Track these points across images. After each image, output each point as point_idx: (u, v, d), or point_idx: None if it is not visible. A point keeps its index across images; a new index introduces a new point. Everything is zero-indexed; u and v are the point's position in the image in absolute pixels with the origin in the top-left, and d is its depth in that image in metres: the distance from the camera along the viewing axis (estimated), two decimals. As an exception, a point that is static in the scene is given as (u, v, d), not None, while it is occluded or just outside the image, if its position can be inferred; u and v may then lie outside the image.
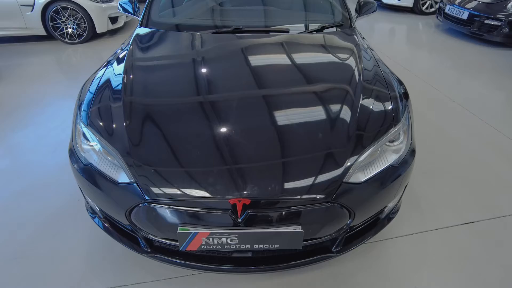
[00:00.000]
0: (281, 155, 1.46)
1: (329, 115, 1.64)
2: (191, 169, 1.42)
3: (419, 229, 2.05)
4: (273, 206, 1.38)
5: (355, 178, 1.46)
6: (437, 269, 1.81)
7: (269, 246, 1.42)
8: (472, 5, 5.42)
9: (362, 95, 1.73)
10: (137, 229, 1.50)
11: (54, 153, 2.72)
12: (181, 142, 1.50)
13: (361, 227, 1.68)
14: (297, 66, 1.98)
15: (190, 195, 1.36)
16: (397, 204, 1.86)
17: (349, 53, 2.10)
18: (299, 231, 1.37)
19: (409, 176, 1.71)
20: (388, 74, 2.00)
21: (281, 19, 2.47)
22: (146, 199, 1.38)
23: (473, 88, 4.01)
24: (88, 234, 2.00)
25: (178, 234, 1.37)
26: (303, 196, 1.38)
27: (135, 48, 2.15)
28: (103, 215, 1.72)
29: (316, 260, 1.59)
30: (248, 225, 1.37)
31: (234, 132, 1.53)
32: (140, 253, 1.61)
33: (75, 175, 1.65)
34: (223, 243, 1.40)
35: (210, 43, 2.19)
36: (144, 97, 1.73)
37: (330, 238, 1.53)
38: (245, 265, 1.55)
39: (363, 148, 1.51)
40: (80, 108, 1.75)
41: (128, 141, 1.51)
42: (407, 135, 1.70)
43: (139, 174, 1.42)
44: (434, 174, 2.52)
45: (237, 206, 1.35)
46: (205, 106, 1.67)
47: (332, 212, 1.43)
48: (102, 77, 1.92)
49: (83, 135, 1.64)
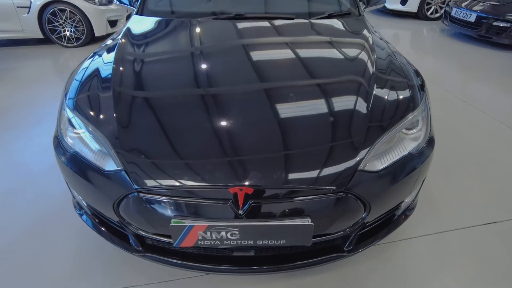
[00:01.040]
0: (289, 140, 1.32)
1: (342, 100, 1.50)
2: (187, 154, 1.27)
3: (436, 230, 1.88)
4: (279, 196, 1.22)
5: (371, 166, 1.31)
6: (458, 272, 1.64)
7: (274, 242, 1.25)
8: (479, 7, 5.32)
9: (376, 84, 1.58)
10: (126, 223, 1.34)
11: (46, 153, 2.57)
12: (176, 126, 1.36)
13: (376, 224, 1.52)
14: (306, 53, 1.84)
15: (185, 183, 1.20)
16: (414, 200, 1.69)
17: (360, 39, 1.98)
18: (308, 224, 1.21)
19: (427, 168, 1.56)
20: (405, 64, 1.85)
21: (286, 7, 2.35)
22: (135, 188, 1.23)
23: (483, 90, 3.87)
24: (77, 234, 1.83)
25: (172, 227, 1.21)
26: (313, 185, 1.22)
27: (128, 35, 2.02)
28: (91, 211, 1.56)
29: (326, 260, 1.43)
30: (250, 218, 1.21)
31: (236, 117, 1.39)
32: (131, 253, 1.45)
33: (60, 167, 1.50)
34: (222, 238, 1.23)
35: (211, 30, 2.07)
36: (136, 84, 1.59)
37: (342, 235, 1.36)
38: (247, 265, 1.39)
39: (380, 133, 1.37)
40: (66, 95, 1.61)
41: (117, 125, 1.36)
42: (425, 123, 1.55)
43: (128, 161, 1.27)
44: (449, 173, 2.36)
45: (239, 195, 1.19)
46: (205, 92, 1.53)
47: (346, 204, 1.27)
48: (90, 65, 1.78)
49: (68, 121, 1.50)
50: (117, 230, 1.49)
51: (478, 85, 3.97)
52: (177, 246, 1.26)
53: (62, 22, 5.21)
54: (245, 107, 1.45)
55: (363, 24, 2.21)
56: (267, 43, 1.96)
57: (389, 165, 1.34)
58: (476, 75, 4.29)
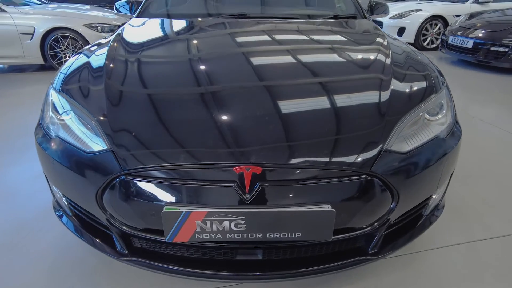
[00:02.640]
0: (305, 115, 1.16)
1: (362, 78, 1.39)
2: (184, 129, 1.09)
3: (466, 239, 1.65)
4: (293, 178, 1.03)
5: (398, 147, 1.13)
6: (501, 283, 1.39)
7: (287, 236, 1.04)
8: (475, 34, 5.38)
9: (396, 68, 1.45)
10: (110, 218, 1.13)
11: (20, 161, 2.38)
12: (172, 102, 1.21)
13: (403, 223, 1.30)
14: (319, 47, 1.72)
15: (181, 162, 1.02)
16: (442, 199, 1.49)
17: (374, 33, 1.89)
18: (329, 211, 1.00)
19: (455, 161, 1.38)
20: (423, 57, 1.73)
21: (290, 10, 2.28)
22: (122, 170, 1.03)
23: (488, 109, 3.77)
24: (54, 245, 1.60)
25: (164, 215, 1.00)
26: (333, 165, 1.03)
27: (126, 31, 1.91)
28: (71, 210, 1.35)
29: (348, 265, 1.20)
30: (259, 204, 1.00)
31: (243, 90, 1.24)
32: (115, 257, 1.22)
33: (40, 158, 1.32)
34: (225, 230, 1.02)
35: (213, 29, 1.97)
36: (130, 72, 1.44)
37: (368, 232, 1.15)
38: (253, 270, 1.16)
39: (404, 110, 1.21)
40: (53, 84, 1.46)
41: (107, 102, 1.20)
42: (450, 109, 1.40)
43: (116, 140, 1.09)
44: (469, 182, 2.16)
45: (245, 176, 1.00)
46: (211, 73, 1.39)
47: (371, 190, 1.07)
48: (80, 57, 1.64)
49: (53, 106, 1.34)
50: (99, 231, 1.27)
51: (482, 106, 3.87)
52: (170, 240, 1.04)
53: (64, 48, 5.22)
54: (256, 85, 1.30)
55: (372, 24, 2.13)
56: (278, 42, 1.85)
57: (416, 147, 1.17)
58: (479, 97, 4.21)
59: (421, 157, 1.17)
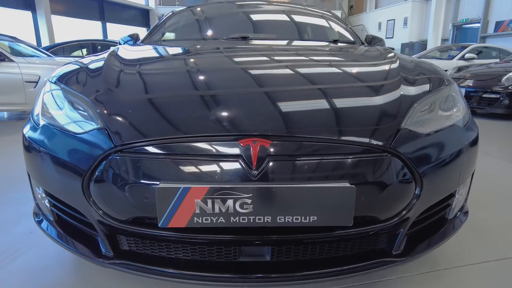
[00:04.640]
0: (319, 83, 1.10)
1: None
2: (184, 101, 1.02)
3: (496, 256, 1.48)
4: (305, 152, 0.92)
5: (416, 128, 1.05)
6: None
7: (301, 219, 0.90)
8: (466, 84, 5.58)
9: (405, 73, 1.41)
10: (96, 209, 0.99)
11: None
12: (172, 76, 1.15)
13: (426, 223, 1.16)
14: (332, 59, 1.69)
15: (180, 135, 0.92)
16: (465, 203, 1.35)
17: (380, 53, 1.89)
18: (349, 187, 0.88)
19: (475, 158, 1.29)
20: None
21: (292, 34, 2.34)
22: (115, 146, 0.93)
23: (488, 150, 3.74)
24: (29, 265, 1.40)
25: (159, 191, 0.87)
26: (349, 136, 0.94)
27: (124, 45, 1.92)
28: (52, 212, 1.19)
29: (369, 267, 1.03)
30: (267, 181, 0.88)
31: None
32: (100, 262, 1.05)
33: (25, 152, 1.22)
34: (228, 212, 0.88)
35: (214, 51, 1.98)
36: (129, 71, 1.40)
37: (392, 224, 1.00)
38: (259, 272, 0.98)
39: (417, 96, 1.16)
40: (50, 79, 1.43)
41: (103, 82, 1.14)
42: (463, 101, 1.35)
43: (110, 116, 1.01)
44: (487, 204, 2.02)
45: (252, 149, 0.89)
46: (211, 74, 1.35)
47: (393, 169, 0.96)
48: (78, 60, 1.60)
49: (48, 97, 1.28)
50: (82, 234, 1.12)
51: (484, 149, 3.85)
52: (164, 225, 0.89)
53: (65, 95, 5.31)
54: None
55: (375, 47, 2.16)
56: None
57: (435, 131, 1.09)
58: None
59: (441, 141, 1.09)
